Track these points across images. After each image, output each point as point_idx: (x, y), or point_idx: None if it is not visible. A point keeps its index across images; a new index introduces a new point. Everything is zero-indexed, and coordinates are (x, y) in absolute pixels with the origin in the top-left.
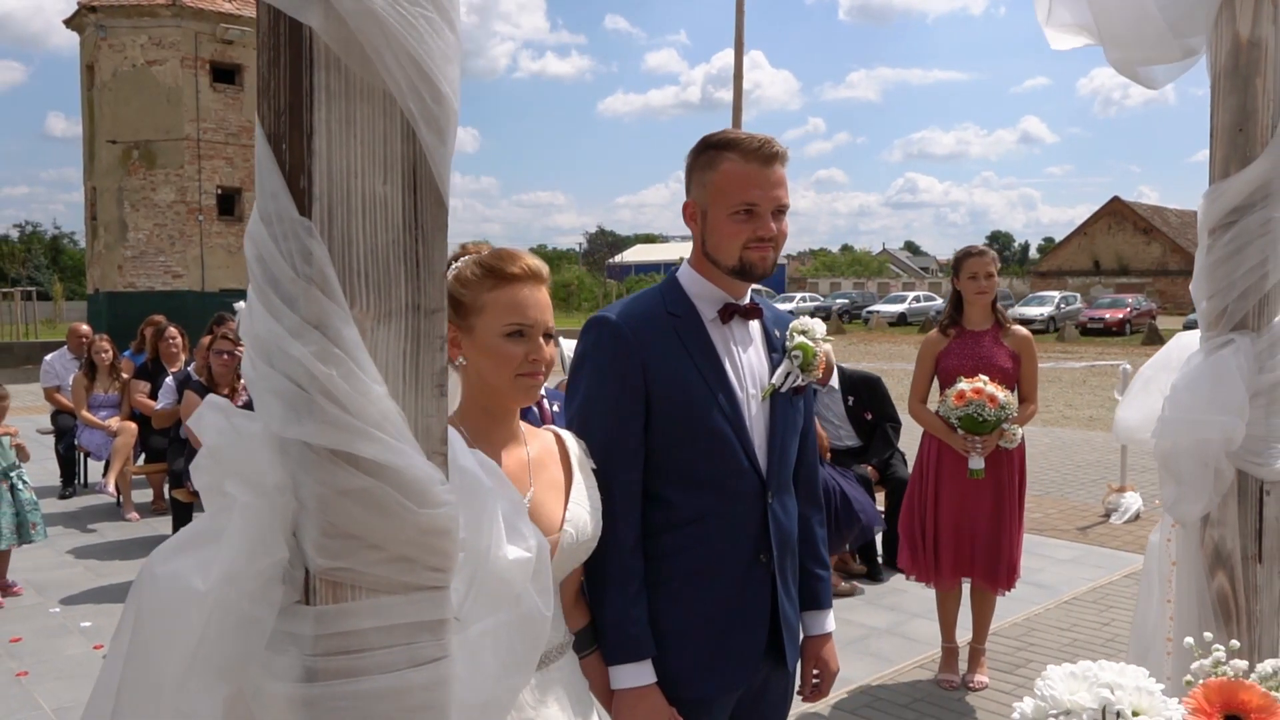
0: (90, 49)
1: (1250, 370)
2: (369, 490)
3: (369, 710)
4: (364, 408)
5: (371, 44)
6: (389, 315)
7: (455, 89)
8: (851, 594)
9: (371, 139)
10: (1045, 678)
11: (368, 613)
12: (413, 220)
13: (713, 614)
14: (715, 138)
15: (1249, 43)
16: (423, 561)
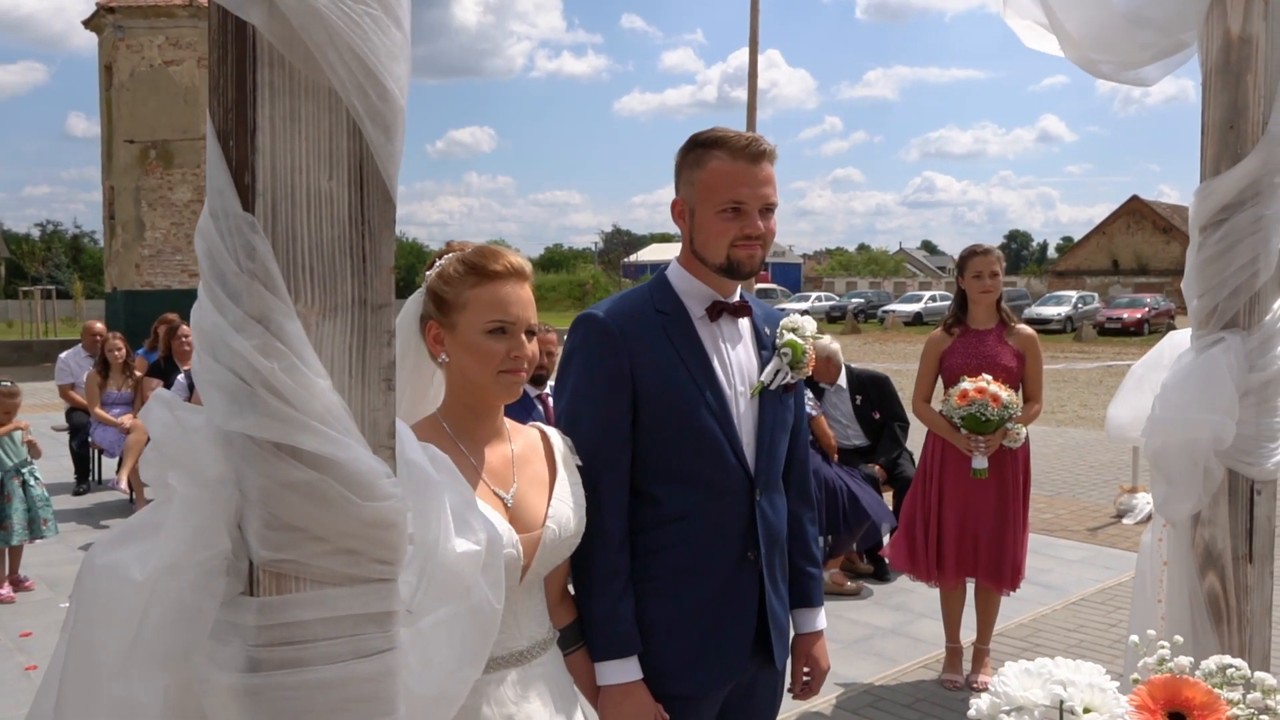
0: (108, 49)
1: (1240, 369)
2: (312, 483)
3: (313, 700)
4: (306, 401)
5: (315, 41)
6: (335, 310)
7: (403, 86)
8: (858, 594)
9: (316, 135)
10: (1002, 674)
11: (312, 604)
12: (359, 216)
13: (699, 611)
14: (703, 136)
15: (1240, 39)
16: (368, 554)
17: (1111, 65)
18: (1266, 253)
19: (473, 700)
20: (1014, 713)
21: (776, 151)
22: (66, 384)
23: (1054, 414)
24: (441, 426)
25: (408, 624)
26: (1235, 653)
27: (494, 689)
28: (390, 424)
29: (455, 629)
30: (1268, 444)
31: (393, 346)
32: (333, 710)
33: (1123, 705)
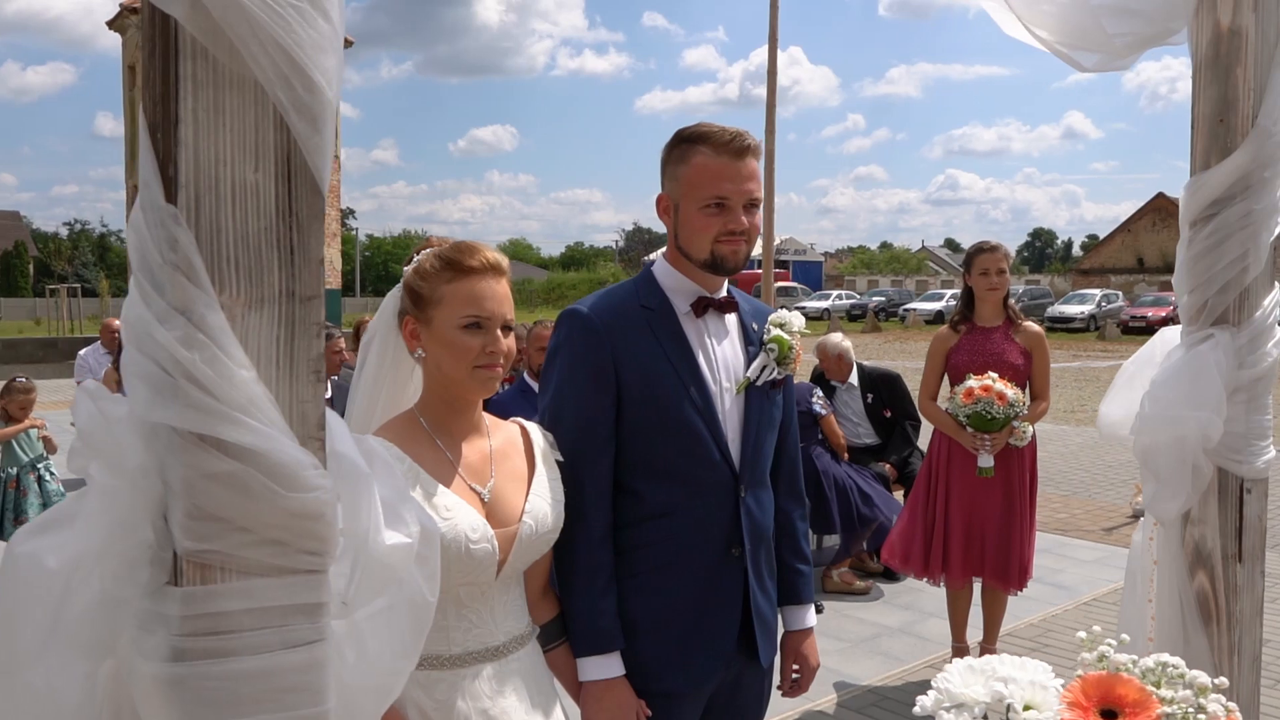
0: (132, 50)
1: (1230, 366)
2: (234, 474)
3: (237, 690)
4: (228, 392)
5: (237, 34)
6: (261, 302)
7: (331, 78)
8: (867, 593)
9: (241, 128)
10: (946, 671)
11: (237, 595)
12: (287, 208)
13: (682, 607)
14: (687, 131)
15: (1229, 31)
16: (296, 545)
17: (1095, 58)
18: (1256, 248)
19: (448, 695)
20: (955, 709)
21: (761, 147)
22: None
23: (1073, 413)
24: (418, 421)
25: (343, 615)
26: (1225, 653)
27: (469, 683)
28: (320, 415)
29: (390, 621)
30: (1257, 442)
31: (321, 338)
32: (259, 700)
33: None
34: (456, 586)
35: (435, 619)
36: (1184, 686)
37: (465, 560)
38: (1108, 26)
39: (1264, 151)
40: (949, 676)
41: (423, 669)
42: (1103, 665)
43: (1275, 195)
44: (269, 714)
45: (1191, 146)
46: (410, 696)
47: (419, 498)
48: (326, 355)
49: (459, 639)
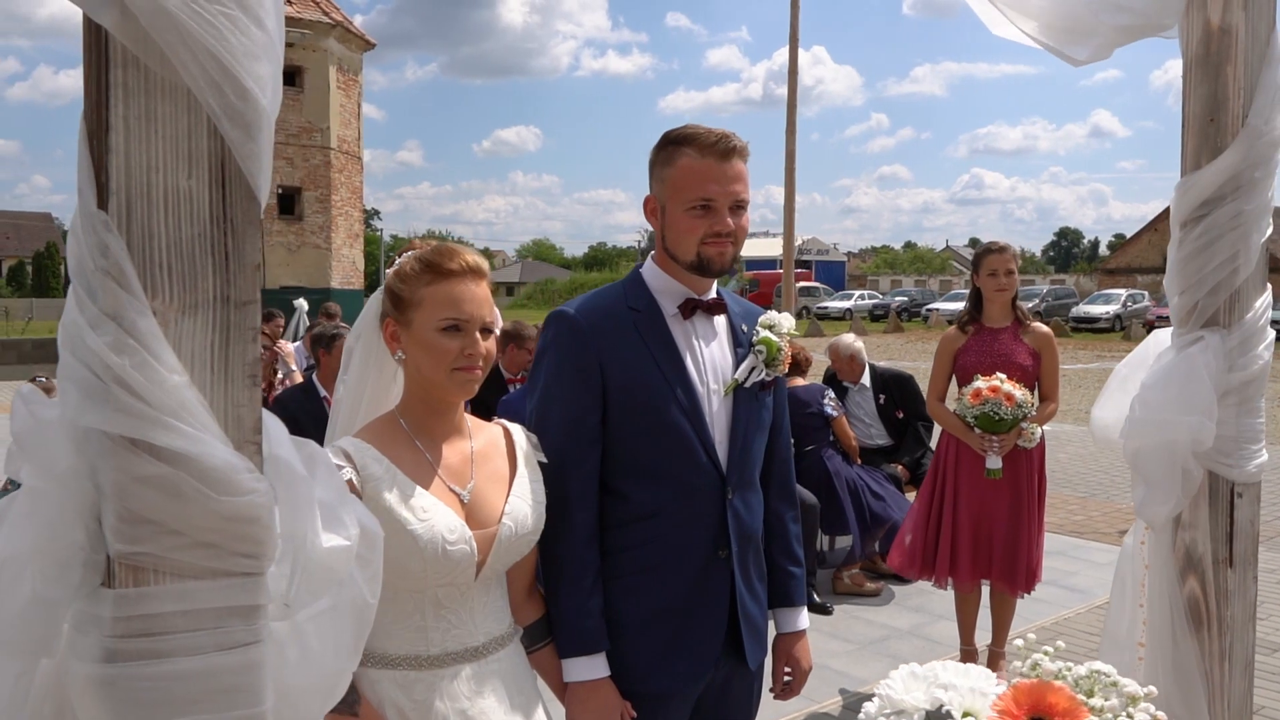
0: None
1: (1220, 369)
2: (165, 477)
3: (171, 691)
4: (159, 397)
5: (167, 42)
6: (195, 307)
7: (266, 85)
8: (878, 594)
9: (174, 134)
10: (891, 677)
11: (170, 597)
12: (221, 214)
13: (668, 608)
14: (675, 133)
15: (1220, 30)
16: (230, 548)
17: (1086, 50)
18: (1246, 249)
19: (426, 695)
20: (895, 715)
21: (748, 148)
22: None
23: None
24: (399, 423)
25: (285, 617)
26: (1216, 659)
27: (448, 684)
28: (256, 419)
29: (331, 622)
30: (1249, 445)
31: (257, 343)
32: (193, 701)
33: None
34: (435, 587)
35: (413, 619)
36: (1116, 695)
37: (442, 561)
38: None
39: (1254, 151)
40: (892, 683)
41: (401, 669)
42: (1035, 674)
43: (1266, 196)
44: (203, 715)
45: (1182, 146)
46: (389, 697)
47: (395, 499)
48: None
49: (437, 639)
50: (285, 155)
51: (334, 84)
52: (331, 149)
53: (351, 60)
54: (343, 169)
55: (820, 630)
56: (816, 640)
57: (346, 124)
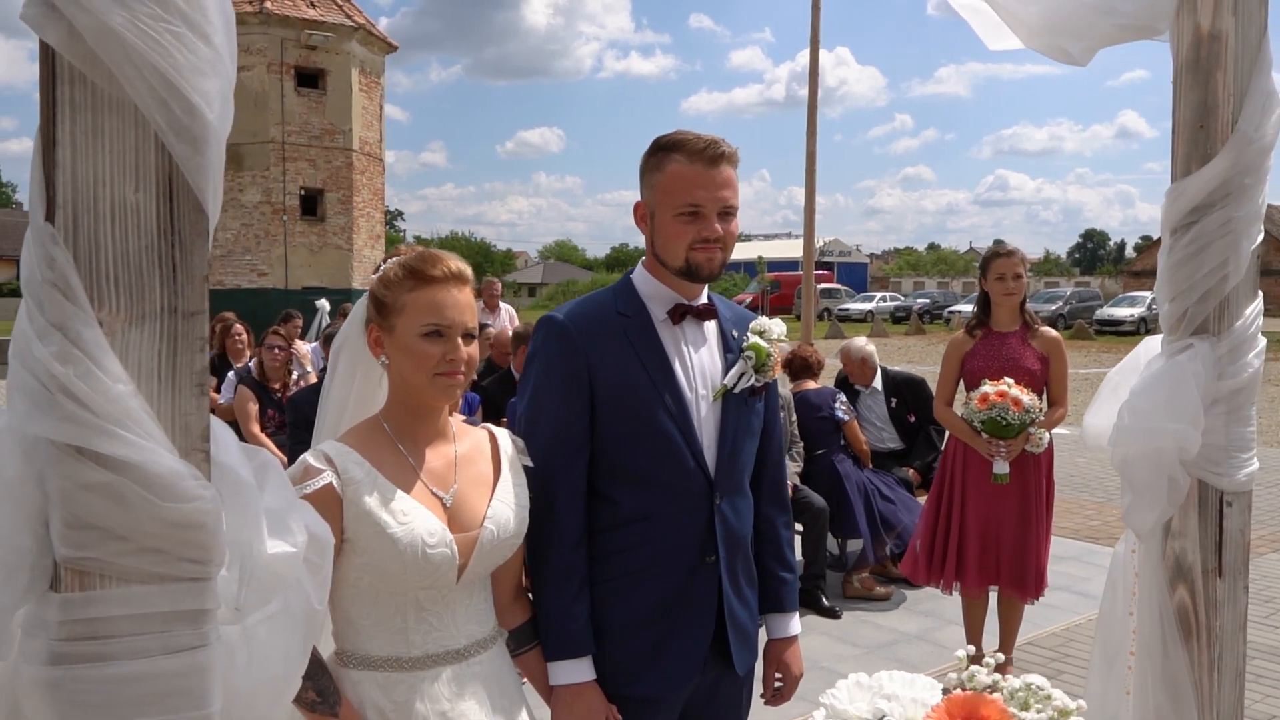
0: None
1: (1209, 377)
2: (110, 484)
3: (116, 694)
4: (103, 406)
5: (112, 60)
6: (142, 318)
7: (213, 101)
8: (888, 598)
9: (121, 149)
10: (837, 686)
11: (116, 601)
12: (169, 227)
13: (655, 613)
14: (664, 139)
15: (1210, 35)
16: (176, 553)
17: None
18: (1236, 256)
19: (406, 697)
20: None
21: (738, 154)
22: None
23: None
24: (382, 427)
25: (235, 620)
26: (1205, 668)
27: (428, 685)
28: (204, 427)
29: (278, 627)
30: (1239, 454)
31: (205, 353)
32: (139, 704)
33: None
34: (415, 590)
35: (395, 621)
36: (1049, 708)
37: (422, 564)
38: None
39: (1244, 158)
40: (837, 693)
41: (382, 670)
42: (971, 686)
43: (1256, 203)
44: (150, 717)
45: (1173, 152)
46: (369, 698)
47: (375, 502)
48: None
49: (418, 641)
50: (308, 157)
51: (356, 86)
52: (354, 151)
53: (374, 63)
54: (364, 170)
55: (828, 634)
56: (823, 644)
57: (369, 126)
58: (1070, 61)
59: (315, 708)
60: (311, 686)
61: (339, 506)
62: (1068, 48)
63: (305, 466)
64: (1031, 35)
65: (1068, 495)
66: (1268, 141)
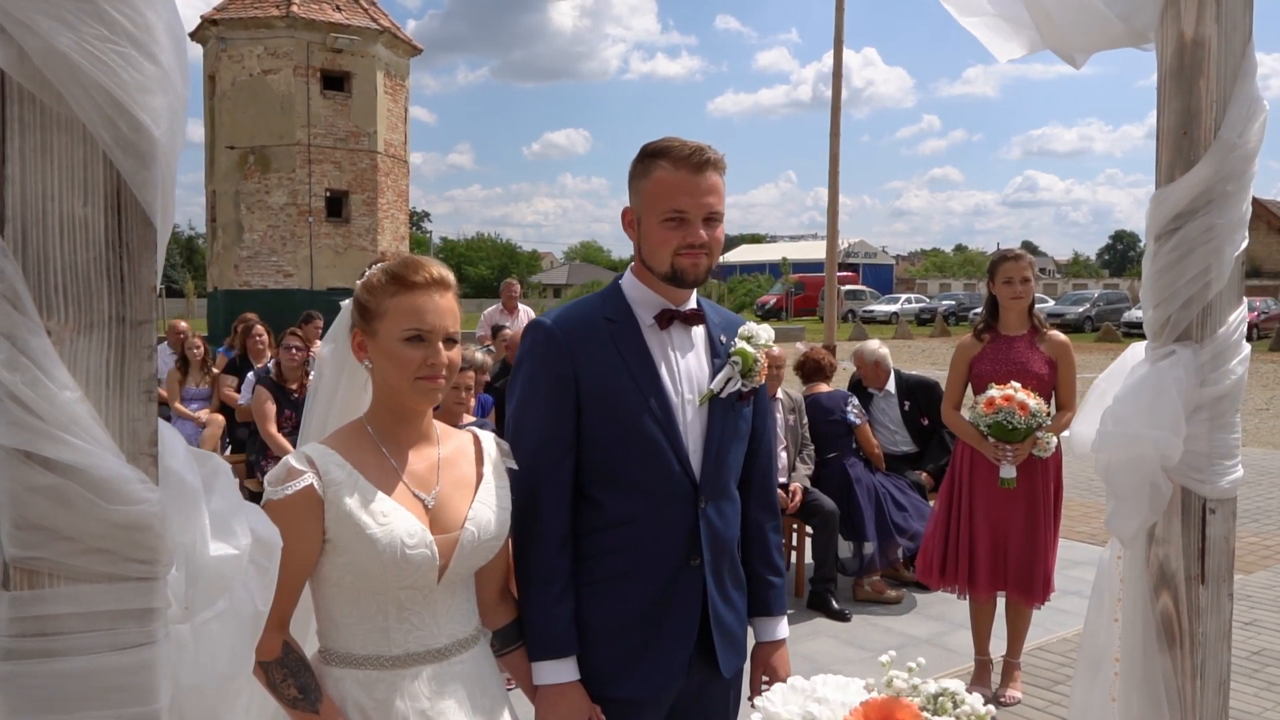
0: (212, 60)
1: (1191, 384)
2: (56, 487)
3: (64, 689)
4: (50, 412)
5: (60, 80)
6: (91, 327)
7: (160, 117)
8: (899, 602)
9: (70, 165)
10: (773, 689)
11: (65, 599)
12: (117, 239)
13: (640, 615)
14: (651, 146)
15: (1193, 42)
16: (123, 554)
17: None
18: (1219, 263)
19: (387, 694)
20: None
21: (724, 161)
22: None
23: None
24: (366, 430)
25: (185, 619)
26: (1188, 676)
27: (408, 684)
28: (151, 433)
29: (222, 627)
30: (1222, 461)
31: (153, 360)
32: (87, 698)
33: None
34: (396, 590)
35: (376, 620)
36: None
37: (401, 564)
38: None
39: (1226, 165)
40: (772, 695)
41: (364, 669)
42: (890, 690)
43: (1240, 210)
44: (97, 711)
45: (1157, 159)
46: (350, 695)
47: (355, 504)
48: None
49: (399, 640)
50: (333, 160)
51: (381, 89)
52: (378, 153)
53: (399, 65)
54: (389, 172)
55: (836, 637)
56: (831, 647)
57: (393, 128)
58: (1071, 63)
59: (296, 704)
60: (294, 683)
61: (320, 508)
62: (1068, 50)
63: (288, 468)
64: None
65: (1084, 499)
66: (1250, 148)
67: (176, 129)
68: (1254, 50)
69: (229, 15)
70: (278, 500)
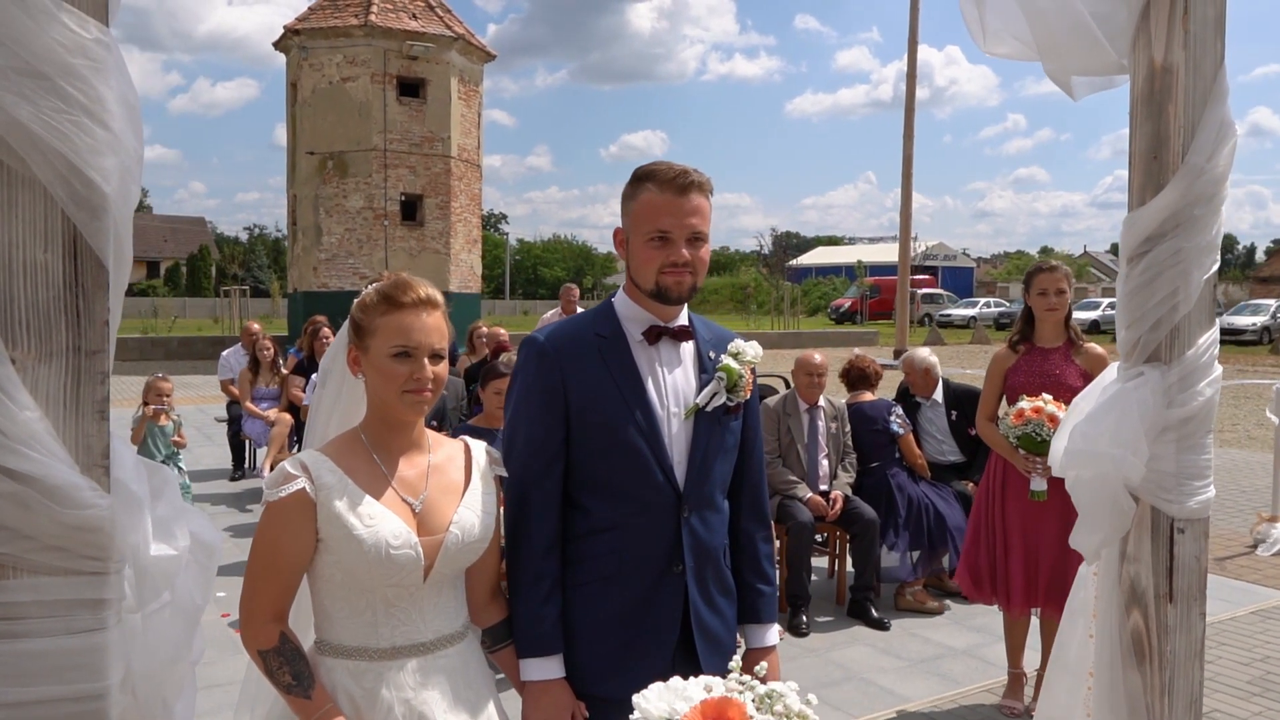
0: (294, 68)
1: (1157, 405)
2: (17, 493)
3: (24, 666)
4: (12, 429)
5: (21, 146)
6: (50, 356)
7: (110, 175)
8: (940, 612)
9: (32, 217)
10: (651, 689)
11: (25, 589)
12: (73, 280)
13: (622, 617)
14: (640, 169)
15: (1162, 68)
16: (77, 551)
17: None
18: (1186, 286)
19: (374, 684)
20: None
21: (710, 184)
22: (227, 379)
23: (1221, 433)
24: (360, 439)
25: (133, 610)
26: (1157, 693)
27: (394, 674)
28: (103, 447)
29: (165, 619)
30: (1190, 482)
31: (105, 385)
32: (44, 675)
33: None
34: (383, 587)
35: (365, 615)
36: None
37: (386, 564)
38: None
39: (1193, 189)
40: (648, 695)
41: (353, 659)
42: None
43: (1209, 234)
44: (54, 686)
45: (1129, 182)
46: (341, 684)
47: (344, 507)
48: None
49: (386, 634)
50: (408, 164)
51: (455, 95)
52: (452, 157)
53: (472, 71)
54: (462, 176)
55: (873, 646)
56: (867, 655)
57: (467, 133)
58: (1068, 92)
59: (291, 690)
60: (289, 671)
61: (312, 510)
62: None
63: (284, 473)
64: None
65: None
66: (1219, 172)
67: (128, 183)
68: (1225, 75)
69: (310, 25)
70: (274, 502)
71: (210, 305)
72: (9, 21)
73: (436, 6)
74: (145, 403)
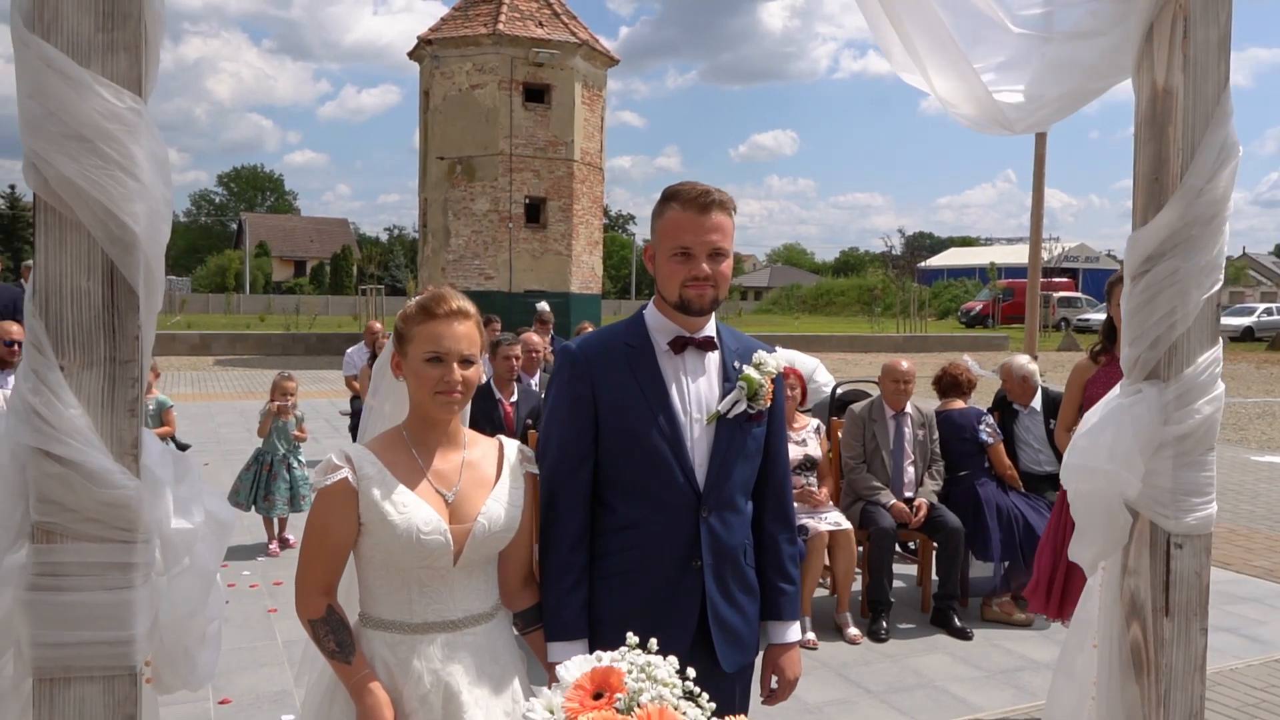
0: (427, 76)
1: (1154, 422)
2: (63, 475)
3: (68, 613)
4: (60, 422)
5: (70, 196)
6: (91, 364)
7: (140, 218)
8: (1028, 625)
9: (78, 253)
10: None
11: (70, 552)
12: (110, 303)
13: (642, 609)
14: (667, 190)
15: (1164, 91)
16: (110, 523)
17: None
18: (1184, 305)
19: (405, 654)
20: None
21: (732, 202)
22: (350, 375)
23: None
24: (402, 435)
25: (160, 573)
26: (1154, 705)
27: (424, 646)
28: (135, 438)
29: (184, 581)
30: (1188, 498)
31: (136, 386)
32: (83, 621)
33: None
34: (416, 568)
35: (401, 593)
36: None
37: (417, 547)
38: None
39: (1191, 210)
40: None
41: (389, 632)
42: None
43: (1210, 254)
44: (91, 631)
45: (1134, 202)
46: (378, 653)
47: (380, 495)
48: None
49: (419, 610)
50: (532, 168)
51: (579, 99)
52: (574, 161)
53: (596, 76)
54: (585, 180)
55: (953, 655)
56: (944, 664)
57: (590, 137)
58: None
59: (334, 656)
60: (333, 639)
61: (354, 497)
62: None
63: (330, 464)
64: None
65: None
66: (1219, 194)
67: (157, 223)
68: (1229, 97)
69: (442, 35)
70: (322, 489)
71: (351, 303)
72: (58, 95)
73: (561, 13)
74: (271, 399)
